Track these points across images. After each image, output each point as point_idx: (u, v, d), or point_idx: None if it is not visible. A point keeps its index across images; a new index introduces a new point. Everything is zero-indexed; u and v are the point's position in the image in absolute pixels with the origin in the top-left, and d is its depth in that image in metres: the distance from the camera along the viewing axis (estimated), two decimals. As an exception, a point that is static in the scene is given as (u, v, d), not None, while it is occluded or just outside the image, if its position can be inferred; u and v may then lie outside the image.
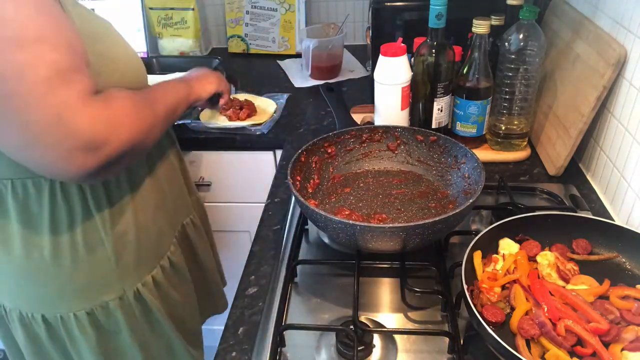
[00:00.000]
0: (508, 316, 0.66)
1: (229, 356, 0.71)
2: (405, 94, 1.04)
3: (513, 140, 1.09)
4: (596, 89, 0.92)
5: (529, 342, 0.63)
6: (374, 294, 0.80)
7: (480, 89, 1.02)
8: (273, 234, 0.93)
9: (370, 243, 0.76)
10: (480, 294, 0.68)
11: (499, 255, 0.75)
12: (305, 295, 0.80)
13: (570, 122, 0.99)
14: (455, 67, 1.04)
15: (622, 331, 0.62)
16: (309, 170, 0.94)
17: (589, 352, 0.60)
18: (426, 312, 0.76)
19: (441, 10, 0.96)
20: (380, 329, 0.73)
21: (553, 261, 0.73)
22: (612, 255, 0.75)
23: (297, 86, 1.52)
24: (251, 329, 0.75)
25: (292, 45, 1.74)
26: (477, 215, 0.95)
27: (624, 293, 0.68)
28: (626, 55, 0.88)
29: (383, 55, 1.01)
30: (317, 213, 0.75)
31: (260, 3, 1.71)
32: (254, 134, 1.23)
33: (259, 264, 0.87)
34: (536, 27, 0.99)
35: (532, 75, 1.02)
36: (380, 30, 1.21)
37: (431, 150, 0.98)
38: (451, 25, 1.00)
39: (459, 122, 1.07)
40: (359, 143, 1.01)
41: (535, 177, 1.05)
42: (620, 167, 0.91)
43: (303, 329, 0.73)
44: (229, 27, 1.76)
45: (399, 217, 0.90)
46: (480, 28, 0.97)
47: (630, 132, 0.88)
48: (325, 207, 0.92)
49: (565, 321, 0.63)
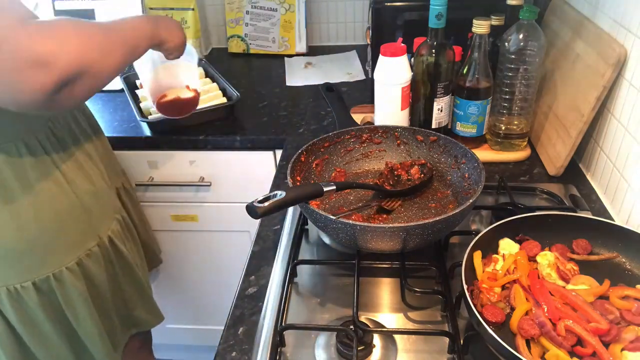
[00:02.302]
0: (508, 316, 0.66)
1: (229, 356, 0.71)
2: (405, 94, 1.04)
3: (513, 140, 1.09)
4: (596, 89, 0.92)
5: (529, 342, 0.63)
6: (374, 294, 0.80)
7: (480, 89, 1.02)
8: (273, 234, 0.93)
9: (370, 243, 0.76)
10: (480, 294, 0.68)
11: (499, 255, 0.75)
12: (305, 295, 0.80)
13: (570, 122, 0.99)
14: (455, 67, 1.04)
15: (622, 331, 0.62)
16: (309, 170, 0.94)
17: (589, 352, 0.60)
18: (426, 312, 0.76)
19: (441, 10, 0.96)
20: (380, 329, 0.73)
21: (553, 261, 0.73)
22: (612, 255, 0.75)
23: (287, 84, 1.53)
24: (251, 329, 0.75)
25: (292, 45, 1.74)
26: (477, 215, 0.95)
27: (624, 293, 0.68)
28: (626, 55, 0.88)
29: (383, 55, 1.01)
30: (317, 213, 0.75)
31: (260, 3, 1.71)
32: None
33: (259, 264, 0.87)
34: (536, 27, 0.99)
35: (532, 75, 1.02)
36: (380, 30, 1.21)
37: (431, 150, 0.98)
38: (451, 25, 1.00)
39: (459, 122, 1.07)
40: (359, 143, 1.01)
41: (535, 177, 1.05)
42: (620, 167, 0.91)
43: (303, 329, 0.73)
44: (229, 27, 1.76)
45: (399, 217, 0.90)
46: (480, 28, 0.97)
47: (630, 132, 0.88)
48: (325, 207, 0.92)
49: (565, 321, 0.63)
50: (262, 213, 0.71)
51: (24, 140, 0.82)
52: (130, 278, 1.07)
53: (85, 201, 0.92)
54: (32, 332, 0.92)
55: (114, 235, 1.00)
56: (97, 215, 0.95)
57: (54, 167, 0.87)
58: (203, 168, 1.31)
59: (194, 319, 1.64)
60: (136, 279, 1.08)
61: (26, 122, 0.82)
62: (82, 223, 0.92)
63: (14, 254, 0.86)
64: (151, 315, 1.16)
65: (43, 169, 0.85)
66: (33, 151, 0.83)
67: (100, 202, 0.97)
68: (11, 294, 0.88)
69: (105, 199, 1.00)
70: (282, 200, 0.73)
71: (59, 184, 0.88)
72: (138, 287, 1.09)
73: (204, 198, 1.37)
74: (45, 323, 0.92)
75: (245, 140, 1.25)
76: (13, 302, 0.88)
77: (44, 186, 0.85)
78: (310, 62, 1.68)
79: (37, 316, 0.91)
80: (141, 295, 1.11)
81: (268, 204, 0.72)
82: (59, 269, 0.90)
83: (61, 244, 0.90)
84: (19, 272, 0.87)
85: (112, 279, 1.01)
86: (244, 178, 1.32)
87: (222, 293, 1.49)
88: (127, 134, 1.28)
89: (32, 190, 0.84)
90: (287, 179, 0.84)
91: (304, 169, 0.93)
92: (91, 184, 0.94)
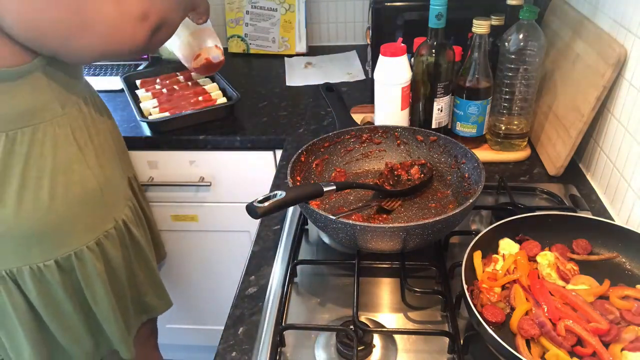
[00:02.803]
0: (508, 316, 0.66)
1: (229, 356, 0.71)
2: (405, 94, 1.04)
3: (513, 140, 1.09)
4: (596, 89, 0.92)
5: (529, 342, 0.63)
6: (374, 294, 0.80)
7: (480, 89, 1.02)
8: (273, 234, 0.93)
9: (370, 243, 0.76)
10: (480, 294, 0.68)
11: (499, 255, 0.75)
12: (305, 295, 0.80)
13: (570, 122, 0.99)
14: (455, 67, 1.04)
15: (622, 331, 0.62)
16: (309, 170, 0.94)
17: (589, 352, 0.60)
18: (426, 312, 0.76)
19: (441, 10, 0.96)
20: (380, 329, 0.73)
21: (553, 261, 0.73)
22: (612, 255, 0.75)
23: (287, 84, 1.52)
24: (251, 329, 0.75)
25: (292, 45, 1.74)
26: (477, 215, 0.95)
27: (624, 293, 0.68)
28: (626, 55, 0.88)
29: (383, 55, 1.01)
30: (317, 213, 0.75)
31: (260, 3, 1.71)
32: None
33: (259, 264, 0.87)
34: (536, 27, 0.99)
35: (532, 75, 1.02)
36: (380, 30, 1.21)
37: (431, 150, 0.98)
38: (451, 25, 1.00)
39: (459, 122, 1.07)
40: (359, 143, 1.01)
41: (535, 177, 1.05)
42: (620, 167, 0.91)
43: (303, 329, 0.73)
44: (229, 27, 1.76)
45: (399, 217, 0.90)
46: (480, 28, 0.97)
47: (630, 132, 0.88)
48: (325, 207, 0.92)
49: (565, 321, 0.63)
50: (262, 213, 0.71)
51: (58, 120, 0.89)
52: (143, 263, 1.12)
53: (103, 185, 0.97)
54: (52, 312, 0.96)
55: (127, 220, 1.05)
56: (112, 200, 1.01)
57: (79, 149, 0.93)
58: (203, 168, 1.31)
59: (194, 319, 1.64)
60: (148, 264, 1.13)
61: (61, 102, 0.89)
62: (100, 205, 0.98)
63: (40, 233, 0.90)
64: (162, 300, 1.21)
65: (71, 150, 0.91)
66: (64, 132, 0.90)
67: (115, 187, 1.03)
68: (34, 273, 0.91)
69: (120, 185, 1.06)
70: (282, 200, 0.73)
71: (82, 167, 0.93)
72: (150, 272, 1.14)
73: (204, 198, 1.37)
74: (65, 302, 0.96)
75: (245, 140, 1.25)
76: (36, 281, 0.92)
77: (71, 167, 0.91)
78: (310, 62, 1.68)
79: (58, 295, 0.95)
80: (153, 281, 1.16)
81: (268, 204, 0.72)
82: (80, 248, 0.95)
83: (83, 224, 0.95)
84: (43, 251, 0.91)
85: (127, 262, 1.06)
86: (244, 178, 1.32)
87: (222, 293, 1.49)
88: (127, 134, 1.28)
89: (62, 170, 0.90)
90: (287, 179, 0.84)
91: (304, 169, 0.93)
92: (108, 170, 1.00)
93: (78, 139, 0.93)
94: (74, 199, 0.92)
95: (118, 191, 1.04)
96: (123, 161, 1.11)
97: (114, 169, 1.03)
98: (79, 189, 0.93)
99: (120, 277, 1.04)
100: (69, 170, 0.91)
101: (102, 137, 1.00)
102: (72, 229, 0.93)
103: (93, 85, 1.05)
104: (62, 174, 0.90)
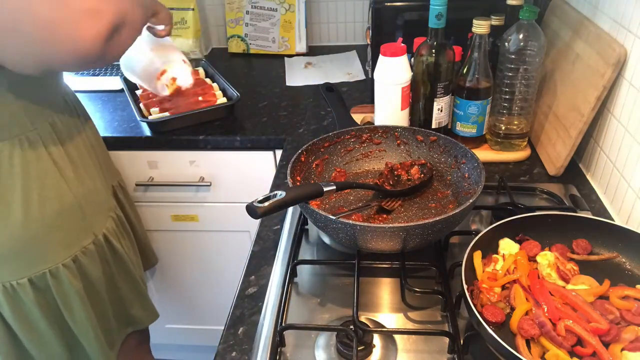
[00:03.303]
0: (508, 316, 0.66)
1: (229, 356, 0.71)
2: (405, 94, 1.04)
3: (513, 140, 1.09)
4: (596, 89, 0.92)
5: (529, 342, 0.63)
6: (374, 294, 0.80)
7: (480, 89, 1.02)
8: (273, 234, 0.93)
9: (370, 243, 0.76)
10: (480, 294, 0.68)
11: (499, 255, 0.75)
12: (305, 295, 0.80)
13: (570, 122, 0.99)
14: (455, 67, 1.04)
15: (622, 331, 0.62)
16: (309, 170, 0.94)
17: (589, 352, 0.60)
18: (426, 312, 0.76)
19: (441, 10, 0.96)
20: (380, 329, 0.73)
21: (553, 261, 0.73)
22: (612, 255, 0.75)
23: (287, 84, 1.52)
24: (251, 329, 0.75)
25: (292, 45, 1.74)
26: (477, 215, 0.95)
27: (624, 293, 0.68)
28: (626, 55, 0.88)
29: (383, 55, 1.01)
30: (317, 213, 0.75)
31: (260, 3, 1.71)
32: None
33: (259, 264, 0.87)
34: (536, 27, 0.99)
35: (532, 75, 1.02)
36: (380, 30, 1.21)
37: (431, 150, 0.98)
38: (451, 25, 1.00)
39: (459, 122, 1.07)
40: (359, 143, 1.01)
41: (535, 177, 1.05)
42: (620, 167, 0.91)
43: (303, 329, 0.73)
44: (229, 27, 1.76)
45: (399, 217, 0.90)
46: (480, 28, 0.97)
47: (630, 132, 0.88)
48: (325, 207, 0.92)
49: (565, 321, 0.63)
50: (262, 213, 0.71)
51: (27, 135, 0.84)
52: (126, 276, 1.08)
53: (81, 199, 0.93)
54: (27, 330, 0.92)
55: (109, 233, 1.01)
56: (92, 213, 0.96)
57: (53, 164, 0.88)
58: (203, 168, 1.31)
59: (193, 319, 1.64)
60: (132, 276, 1.09)
61: (30, 117, 0.84)
62: (78, 220, 0.93)
63: (12, 252, 0.86)
64: (147, 312, 1.16)
65: (43, 165, 0.86)
66: (35, 147, 0.85)
67: (96, 199, 0.98)
68: (7, 291, 0.88)
69: (101, 196, 1.01)
70: (282, 200, 0.73)
71: (58, 181, 0.88)
72: (134, 285, 1.10)
73: (204, 198, 1.37)
74: (40, 321, 0.92)
75: (245, 140, 1.25)
76: (9, 299, 0.89)
77: (45, 182, 0.86)
78: (310, 62, 1.68)
79: (32, 314, 0.91)
80: (137, 293, 1.12)
81: (268, 204, 0.72)
82: (55, 266, 0.90)
83: (58, 240, 0.90)
84: (16, 269, 0.88)
85: (108, 277, 1.02)
86: (244, 178, 1.32)
87: (222, 293, 1.49)
88: (127, 134, 1.28)
89: (34, 186, 0.85)
90: (287, 179, 0.84)
91: (304, 169, 0.93)
92: (88, 182, 0.95)
93: (52, 153, 0.87)
94: (50, 216, 0.88)
95: (99, 203, 0.99)
96: (106, 170, 1.06)
97: (94, 181, 0.98)
98: (55, 205, 0.88)
99: (100, 293, 1.00)
100: (43, 186, 0.86)
101: (81, 148, 0.95)
102: (46, 247, 0.89)
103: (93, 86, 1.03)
104: (36, 190, 0.85)
